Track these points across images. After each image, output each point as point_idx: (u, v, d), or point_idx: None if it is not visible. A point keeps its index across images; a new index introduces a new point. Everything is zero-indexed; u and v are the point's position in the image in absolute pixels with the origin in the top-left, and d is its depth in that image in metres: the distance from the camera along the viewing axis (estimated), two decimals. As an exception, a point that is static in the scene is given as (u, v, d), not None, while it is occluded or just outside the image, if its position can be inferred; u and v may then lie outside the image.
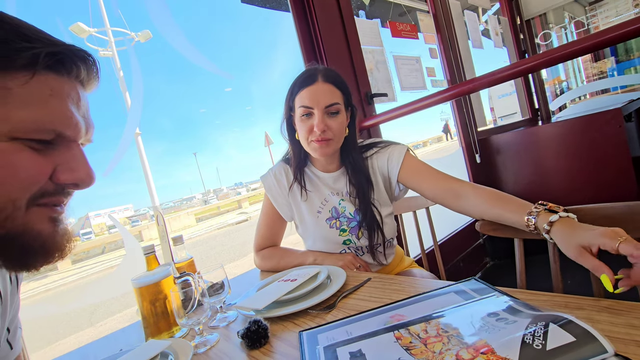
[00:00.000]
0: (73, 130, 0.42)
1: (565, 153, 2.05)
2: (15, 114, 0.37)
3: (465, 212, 0.85)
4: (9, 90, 0.37)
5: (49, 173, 0.41)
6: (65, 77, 0.42)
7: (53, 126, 0.40)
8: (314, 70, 0.96)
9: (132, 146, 10.39)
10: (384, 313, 0.59)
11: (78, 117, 0.43)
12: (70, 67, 0.42)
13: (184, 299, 0.67)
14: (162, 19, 10.59)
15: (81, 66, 0.43)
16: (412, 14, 2.34)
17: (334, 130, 0.94)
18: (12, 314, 0.56)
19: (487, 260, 2.40)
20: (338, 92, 0.95)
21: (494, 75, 1.25)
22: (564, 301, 0.51)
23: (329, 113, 0.93)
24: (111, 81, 11.21)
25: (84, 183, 0.44)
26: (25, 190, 0.39)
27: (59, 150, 0.42)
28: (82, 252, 14.02)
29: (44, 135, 0.40)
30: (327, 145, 0.94)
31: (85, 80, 0.45)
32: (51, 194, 0.42)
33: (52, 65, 0.40)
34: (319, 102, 0.92)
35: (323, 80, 0.94)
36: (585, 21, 4.30)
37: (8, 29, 0.37)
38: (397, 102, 1.96)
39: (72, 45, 0.42)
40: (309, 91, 0.93)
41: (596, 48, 1.03)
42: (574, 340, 0.36)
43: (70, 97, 0.42)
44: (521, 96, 3.17)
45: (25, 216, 0.40)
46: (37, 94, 0.39)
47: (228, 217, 19.08)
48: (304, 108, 0.93)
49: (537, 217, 0.66)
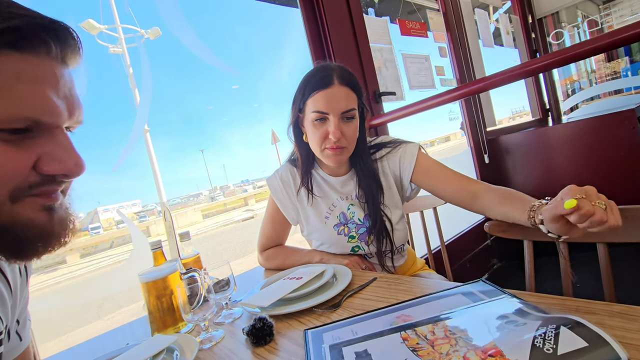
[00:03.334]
0: (51, 115, 0.38)
1: (577, 155, 2.02)
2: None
3: (481, 212, 0.84)
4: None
5: (30, 165, 0.38)
6: (34, 55, 0.36)
7: (25, 113, 0.36)
8: (329, 70, 0.89)
9: (140, 142, 10.50)
10: (390, 313, 0.58)
11: (56, 101, 0.38)
12: (37, 44, 0.36)
13: (190, 294, 0.67)
14: (171, 16, 10.66)
15: (51, 41, 0.38)
16: (422, 12, 2.32)
17: (349, 138, 0.89)
18: (21, 306, 0.56)
19: (494, 261, 2.37)
20: (354, 96, 0.90)
21: (505, 75, 1.23)
22: (575, 305, 0.50)
23: (344, 119, 0.88)
24: (121, 78, 11.34)
25: (72, 173, 0.41)
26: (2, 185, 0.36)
27: (41, 138, 0.38)
28: (90, 246, 14.23)
29: (15, 124, 0.35)
30: (341, 153, 0.90)
31: (61, 57, 0.40)
32: (40, 184, 0.39)
33: (13, 43, 0.34)
34: (335, 108, 0.87)
35: (339, 83, 0.87)
36: (599, 20, 4.21)
37: None
38: (406, 100, 1.95)
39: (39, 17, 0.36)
40: (325, 95, 0.86)
41: (610, 48, 1.00)
42: (586, 346, 0.35)
43: (44, 78, 0.37)
44: (532, 96, 3.12)
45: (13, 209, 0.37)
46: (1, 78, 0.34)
47: (234, 214, 19.19)
48: (318, 113, 0.87)
49: (537, 210, 0.64)
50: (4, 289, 0.50)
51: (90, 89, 14.54)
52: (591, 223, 0.51)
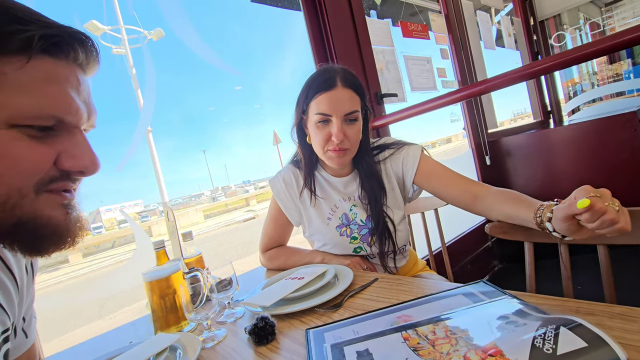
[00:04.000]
0: (74, 116, 0.41)
1: (578, 157, 2.02)
2: (12, 100, 0.36)
3: (482, 214, 0.84)
4: (5, 75, 0.36)
5: (52, 160, 0.41)
6: (63, 60, 0.41)
7: (53, 112, 0.39)
8: (332, 72, 0.90)
9: (142, 142, 10.54)
10: (391, 313, 0.59)
11: (79, 102, 0.42)
12: (67, 51, 0.40)
13: (193, 294, 0.68)
14: (174, 17, 10.72)
15: (79, 49, 0.42)
16: (424, 14, 2.32)
17: (352, 140, 0.90)
18: (27, 303, 0.57)
19: (495, 263, 2.37)
20: (357, 98, 0.90)
21: (507, 77, 1.24)
22: (576, 306, 0.51)
23: (347, 121, 0.89)
24: (124, 78, 11.42)
25: (89, 171, 0.44)
26: (28, 178, 0.39)
27: (61, 137, 0.41)
28: (92, 245, 14.27)
29: (43, 122, 0.39)
30: (344, 155, 0.91)
31: (85, 64, 0.44)
32: (59, 179, 0.42)
33: (48, 49, 0.38)
34: (338, 110, 0.87)
35: (343, 85, 0.88)
36: (601, 22, 4.21)
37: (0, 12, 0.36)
38: (407, 102, 1.95)
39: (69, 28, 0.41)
40: (328, 97, 0.87)
41: (612, 50, 1.01)
42: (585, 346, 0.36)
43: (70, 82, 0.41)
44: (533, 98, 3.12)
45: (35, 203, 0.40)
46: (34, 78, 0.37)
47: (236, 214, 19.21)
48: (321, 115, 0.88)
49: (544, 209, 0.65)
50: (10, 285, 0.51)
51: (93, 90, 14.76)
52: (602, 222, 0.52)
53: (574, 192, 0.57)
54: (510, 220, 0.76)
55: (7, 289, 0.50)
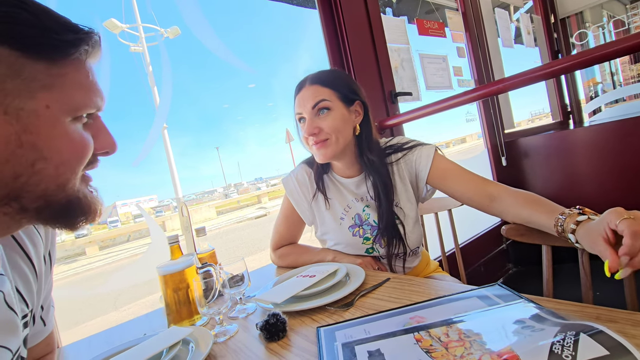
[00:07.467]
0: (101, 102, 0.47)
1: (599, 160, 1.95)
2: (74, 96, 0.42)
3: (498, 215, 0.83)
4: (65, 76, 0.41)
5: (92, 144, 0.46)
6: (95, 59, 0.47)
7: (96, 102, 0.45)
8: (306, 77, 0.96)
9: (158, 139, 10.73)
10: (403, 314, 0.58)
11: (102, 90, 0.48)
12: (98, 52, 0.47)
13: (206, 288, 0.69)
14: (191, 15, 10.83)
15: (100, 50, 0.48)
16: (440, 12, 2.29)
17: (328, 129, 0.90)
18: (45, 292, 0.59)
19: (509, 266, 2.32)
20: (324, 89, 0.92)
21: (525, 76, 1.20)
22: (596, 312, 0.49)
23: (317, 113, 0.92)
24: (140, 75, 11.64)
25: (112, 150, 0.49)
26: (82, 161, 0.44)
27: (92, 122, 0.47)
28: (109, 239, 14.64)
29: (91, 110, 0.45)
30: (325, 147, 0.91)
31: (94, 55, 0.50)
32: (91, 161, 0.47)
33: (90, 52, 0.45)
34: (306, 105, 0.92)
35: (309, 84, 0.93)
36: (625, 20, 4.06)
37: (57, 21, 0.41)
38: (422, 101, 1.93)
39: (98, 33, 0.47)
40: (299, 98, 0.94)
41: (637, 49, 0.97)
42: (607, 354, 0.35)
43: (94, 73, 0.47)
44: (553, 98, 3.04)
45: (79, 183, 0.45)
46: (83, 75, 0.44)
47: (247, 211, 19.39)
48: (297, 115, 0.95)
49: (566, 217, 0.63)
50: (30, 274, 0.53)
51: (111, 86, 15.06)
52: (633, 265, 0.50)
53: (604, 213, 0.55)
54: (528, 224, 0.74)
55: (26, 277, 0.52)
